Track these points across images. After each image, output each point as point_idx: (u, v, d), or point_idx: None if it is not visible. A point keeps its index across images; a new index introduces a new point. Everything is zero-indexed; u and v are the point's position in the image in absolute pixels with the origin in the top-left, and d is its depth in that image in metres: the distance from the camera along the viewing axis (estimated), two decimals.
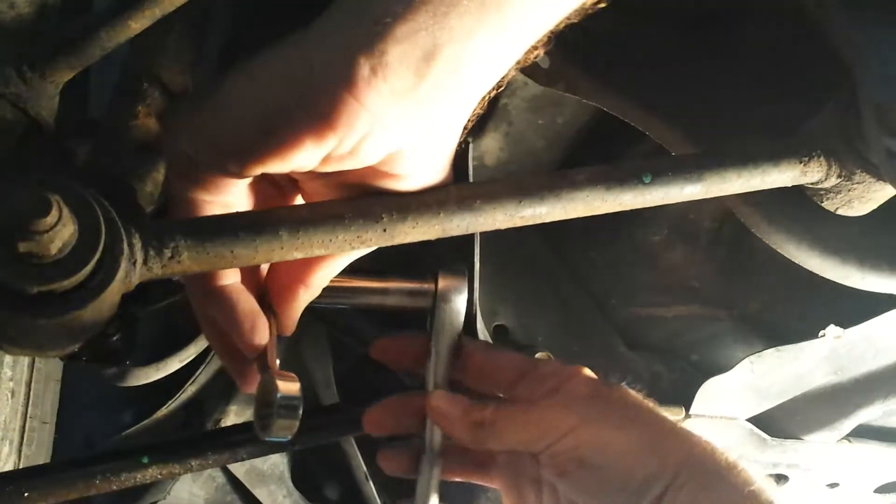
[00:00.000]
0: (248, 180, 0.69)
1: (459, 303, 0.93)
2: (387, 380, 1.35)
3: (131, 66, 1.04)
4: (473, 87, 0.67)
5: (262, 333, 0.74)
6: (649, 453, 0.79)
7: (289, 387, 0.70)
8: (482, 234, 1.12)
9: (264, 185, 0.72)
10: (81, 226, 0.57)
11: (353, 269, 0.82)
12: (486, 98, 0.71)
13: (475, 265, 0.99)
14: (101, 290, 0.58)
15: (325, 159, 0.65)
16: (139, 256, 0.61)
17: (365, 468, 1.67)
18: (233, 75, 0.65)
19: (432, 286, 0.93)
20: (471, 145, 1.06)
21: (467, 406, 0.87)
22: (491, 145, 1.21)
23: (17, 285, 0.56)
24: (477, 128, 1.16)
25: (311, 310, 0.80)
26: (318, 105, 0.62)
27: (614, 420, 0.81)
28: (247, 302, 0.73)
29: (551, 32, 0.69)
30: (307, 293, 0.78)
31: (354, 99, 0.61)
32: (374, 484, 1.68)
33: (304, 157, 0.64)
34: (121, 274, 0.59)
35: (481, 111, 0.72)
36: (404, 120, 0.64)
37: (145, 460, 0.92)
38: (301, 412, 0.70)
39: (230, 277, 0.72)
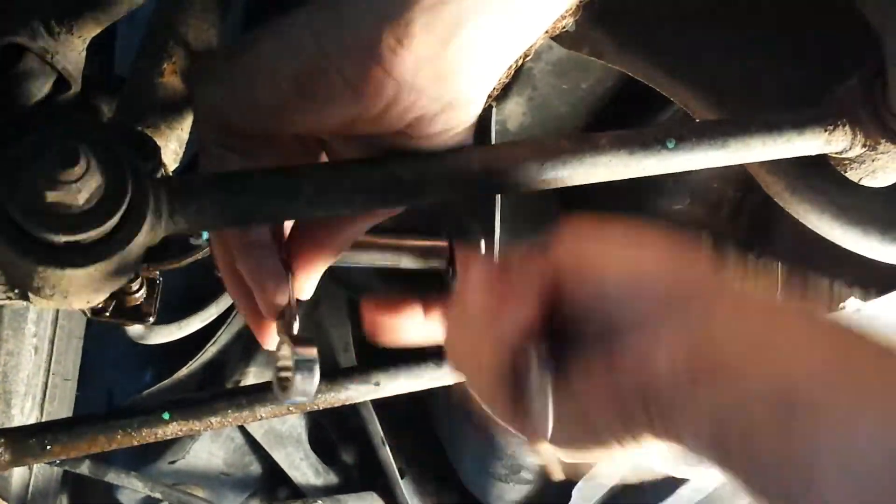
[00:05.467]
0: (276, 137, 0.69)
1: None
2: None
3: (157, 23, 1.04)
4: (499, 58, 0.67)
5: (284, 295, 0.74)
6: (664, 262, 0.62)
7: (307, 350, 0.70)
8: (503, 197, 1.12)
9: (291, 142, 0.72)
10: (108, 177, 0.58)
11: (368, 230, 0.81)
12: (514, 66, 0.70)
13: (496, 229, 0.99)
14: (127, 241, 0.58)
15: (351, 123, 0.66)
16: (165, 210, 0.62)
17: (381, 433, 1.68)
18: (265, 33, 0.65)
19: (446, 244, 0.93)
20: (494, 109, 1.06)
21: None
22: (514, 110, 1.21)
23: (45, 235, 0.57)
24: (501, 92, 1.16)
25: (330, 274, 0.81)
26: (344, 72, 0.62)
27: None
28: (273, 262, 0.73)
29: (580, 0, 0.69)
30: (327, 256, 0.78)
31: (380, 67, 0.62)
32: (391, 448, 1.69)
33: (330, 120, 0.65)
34: (146, 226, 0.60)
35: (507, 79, 0.72)
36: (429, 88, 0.64)
37: (166, 416, 0.93)
38: (319, 375, 0.70)
39: (260, 235, 0.72)
